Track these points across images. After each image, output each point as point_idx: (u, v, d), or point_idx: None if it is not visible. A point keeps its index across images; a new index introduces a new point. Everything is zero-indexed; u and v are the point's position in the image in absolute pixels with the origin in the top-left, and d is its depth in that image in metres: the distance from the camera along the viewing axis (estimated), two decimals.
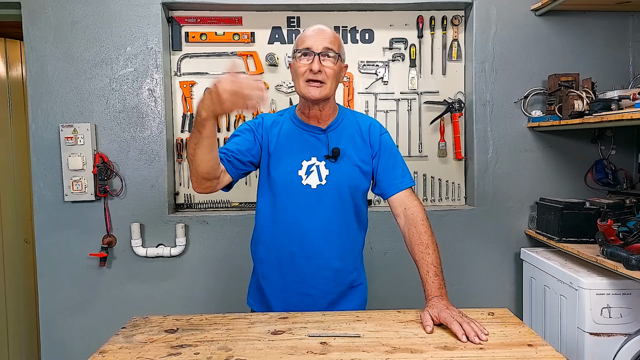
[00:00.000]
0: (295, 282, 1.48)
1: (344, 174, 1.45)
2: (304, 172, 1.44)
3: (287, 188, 1.44)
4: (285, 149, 1.46)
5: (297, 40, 1.45)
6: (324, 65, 1.39)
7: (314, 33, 1.41)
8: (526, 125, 2.40)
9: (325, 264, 1.47)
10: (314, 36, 1.40)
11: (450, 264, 2.43)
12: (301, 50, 1.40)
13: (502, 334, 1.27)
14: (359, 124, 1.52)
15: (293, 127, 1.49)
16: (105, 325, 2.29)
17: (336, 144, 1.45)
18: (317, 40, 1.39)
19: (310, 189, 1.43)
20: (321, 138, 1.47)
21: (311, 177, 1.43)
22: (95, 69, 2.30)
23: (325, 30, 1.42)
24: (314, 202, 1.43)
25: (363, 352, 1.16)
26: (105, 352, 1.18)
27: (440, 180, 2.52)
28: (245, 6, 2.37)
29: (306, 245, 1.45)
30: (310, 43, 1.39)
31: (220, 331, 1.30)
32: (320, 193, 1.43)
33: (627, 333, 1.82)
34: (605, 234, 1.84)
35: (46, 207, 2.31)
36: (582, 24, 2.38)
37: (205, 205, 2.47)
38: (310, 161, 1.44)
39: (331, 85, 1.41)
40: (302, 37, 1.43)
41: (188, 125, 2.44)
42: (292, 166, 1.44)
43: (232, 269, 2.39)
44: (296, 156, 1.45)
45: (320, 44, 1.39)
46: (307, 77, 1.39)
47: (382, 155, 1.50)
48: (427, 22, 2.47)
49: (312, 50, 1.38)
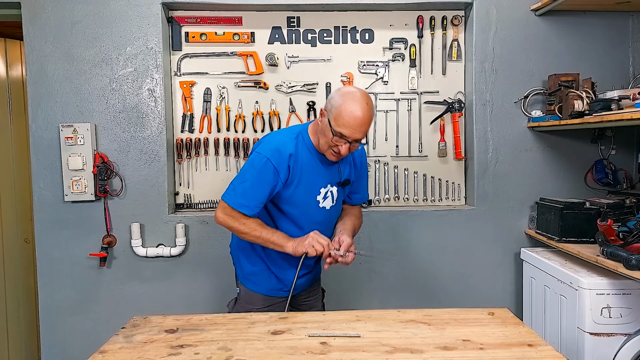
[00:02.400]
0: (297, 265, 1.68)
1: (344, 194, 1.78)
2: (321, 197, 1.68)
3: (306, 209, 1.66)
4: (307, 177, 1.64)
5: (339, 116, 1.50)
6: (351, 150, 1.58)
7: (357, 125, 1.50)
8: (526, 125, 2.40)
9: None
10: (355, 128, 1.50)
11: (450, 264, 2.44)
12: (340, 134, 1.51)
13: (502, 334, 1.27)
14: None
15: (312, 160, 1.65)
16: (105, 325, 2.29)
17: (344, 171, 1.73)
18: (356, 133, 1.52)
19: (325, 210, 1.70)
20: (333, 168, 1.70)
21: (327, 201, 1.70)
22: (95, 69, 2.30)
23: (366, 124, 1.52)
24: (327, 219, 1.73)
25: (363, 352, 1.16)
26: (105, 352, 1.18)
27: (440, 180, 2.52)
28: (245, 6, 2.37)
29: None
30: (349, 134, 1.51)
31: (220, 331, 1.30)
32: (331, 211, 1.73)
33: (627, 333, 1.82)
34: (605, 234, 1.83)
35: (46, 207, 2.31)
36: (582, 24, 2.38)
37: (205, 205, 2.47)
38: (327, 188, 1.69)
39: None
40: (346, 119, 1.49)
41: (188, 125, 2.44)
42: (312, 193, 1.66)
43: (232, 269, 2.38)
44: (316, 184, 1.66)
45: (357, 136, 1.53)
46: (334, 150, 1.57)
47: (362, 173, 1.84)
48: (427, 22, 2.47)
49: (348, 139, 1.53)
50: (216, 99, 2.45)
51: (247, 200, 1.57)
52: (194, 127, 2.46)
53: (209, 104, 2.45)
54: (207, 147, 2.46)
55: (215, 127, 2.45)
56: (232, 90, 2.45)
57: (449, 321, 1.36)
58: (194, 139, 2.44)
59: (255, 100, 2.45)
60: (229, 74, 2.45)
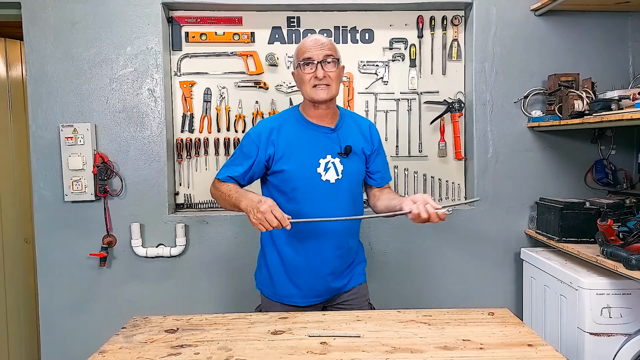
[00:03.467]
0: (319, 266, 1.63)
1: (355, 168, 1.66)
2: (322, 169, 1.60)
3: (308, 185, 1.58)
4: (298, 149, 1.59)
5: (297, 52, 1.61)
6: (327, 70, 1.55)
7: (312, 44, 1.56)
8: (526, 125, 2.40)
9: (343, 245, 1.65)
10: (313, 47, 1.56)
11: (450, 264, 2.44)
12: (303, 60, 1.56)
13: (502, 334, 1.27)
14: (358, 123, 1.73)
15: (301, 128, 1.63)
16: (105, 325, 2.28)
17: (345, 141, 1.63)
18: (316, 50, 1.55)
19: (329, 184, 1.60)
20: (332, 137, 1.63)
21: (329, 173, 1.60)
22: (95, 69, 2.30)
23: (321, 40, 1.58)
24: (334, 194, 1.61)
25: (363, 352, 1.16)
26: (105, 352, 1.18)
27: (440, 180, 2.52)
28: (245, 6, 2.37)
29: (328, 232, 1.61)
30: (311, 54, 1.55)
31: (220, 331, 1.30)
32: (338, 186, 1.61)
33: (627, 333, 1.82)
34: (605, 234, 1.84)
35: (46, 207, 2.31)
36: (581, 24, 2.38)
37: (205, 205, 2.47)
38: (326, 159, 1.60)
39: (336, 86, 1.59)
40: (302, 48, 1.59)
41: (188, 125, 2.45)
42: (310, 164, 1.59)
43: (232, 269, 2.39)
44: (311, 155, 1.60)
45: (320, 52, 1.55)
46: (313, 82, 1.56)
47: (379, 153, 1.76)
48: (427, 22, 2.47)
49: (314, 60, 1.55)
50: (216, 99, 2.45)
51: (225, 169, 1.63)
52: (194, 127, 2.46)
53: (209, 104, 2.45)
54: (207, 147, 2.46)
55: (215, 127, 2.46)
56: (232, 90, 2.45)
57: (449, 321, 1.36)
58: (194, 139, 2.45)
59: (255, 100, 2.45)
60: (229, 74, 2.45)
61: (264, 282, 1.72)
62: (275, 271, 1.67)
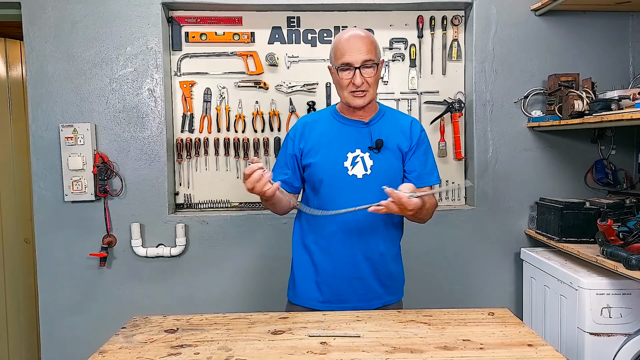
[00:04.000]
0: (345, 268, 1.54)
1: (387, 164, 1.54)
2: (349, 164, 1.51)
3: (334, 179, 1.51)
4: (327, 142, 1.54)
5: (334, 51, 1.49)
6: (365, 76, 1.46)
7: (351, 46, 1.44)
8: (526, 125, 2.40)
9: (372, 248, 1.55)
10: (351, 50, 1.44)
11: (450, 264, 2.44)
12: (341, 65, 1.46)
13: (502, 334, 1.27)
14: (398, 120, 1.61)
15: (334, 122, 1.58)
16: (105, 325, 2.28)
17: (378, 136, 1.53)
18: (354, 54, 1.44)
19: (356, 179, 1.51)
20: (363, 131, 1.54)
21: (357, 168, 1.51)
22: (95, 69, 2.30)
23: (360, 40, 1.45)
24: (361, 191, 1.49)
25: (363, 352, 1.16)
26: (105, 352, 1.18)
27: (440, 180, 2.52)
28: (245, 6, 2.37)
29: (354, 231, 1.52)
30: (349, 59, 1.44)
31: (220, 331, 1.30)
32: (365, 182, 1.50)
33: (627, 333, 1.82)
34: (605, 234, 1.84)
35: (46, 207, 2.31)
36: (582, 24, 2.38)
37: (205, 205, 2.47)
38: (355, 153, 1.52)
39: (373, 91, 1.51)
40: (340, 49, 1.47)
41: (188, 125, 2.44)
42: (337, 158, 1.52)
43: (232, 268, 2.39)
44: (340, 148, 1.52)
45: (358, 57, 1.44)
46: (351, 89, 1.47)
47: (418, 148, 1.58)
48: (427, 22, 2.47)
49: (352, 66, 1.44)
50: (216, 99, 2.45)
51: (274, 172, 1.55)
52: (194, 127, 2.46)
53: (209, 104, 2.45)
54: (207, 147, 2.46)
55: (215, 127, 2.45)
56: (232, 90, 2.45)
57: (449, 321, 1.36)
58: (194, 139, 2.45)
59: (255, 100, 2.45)
60: (229, 74, 2.45)
61: (289, 284, 1.67)
62: (298, 269, 1.62)
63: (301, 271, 1.61)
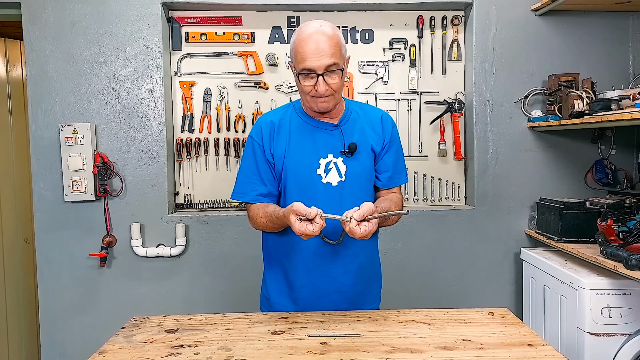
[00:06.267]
0: (323, 281, 1.45)
1: (361, 168, 1.44)
2: (322, 171, 1.41)
3: (308, 188, 1.41)
4: (296, 148, 1.42)
5: (294, 52, 1.35)
6: (329, 82, 1.33)
7: (312, 49, 1.30)
8: (526, 125, 2.40)
9: (352, 259, 1.46)
10: (313, 53, 1.30)
11: (450, 264, 2.44)
12: (303, 72, 1.33)
13: (502, 334, 1.27)
14: (368, 115, 1.51)
15: (303, 125, 1.45)
16: (105, 325, 2.28)
17: (350, 138, 1.43)
18: (316, 58, 1.30)
19: (331, 187, 1.42)
20: (335, 134, 1.44)
21: (331, 175, 1.42)
22: (95, 69, 2.30)
23: (323, 41, 1.30)
24: (337, 199, 1.41)
25: (363, 352, 1.16)
26: (105, 352, 1.18)
27: (440, 180, 2.52)
28: (245, 6, 2.37)
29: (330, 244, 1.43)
30: (311, 64, 1.30)
31: (220, 331, 1.30)
32: (341, 190, 1.42)
33: (627, 333, 1.82)
34: (605, 234, 1.84)
35: (46, 207, 2.31)
36: (582, 24, 2.38)
37: (205, 205, 2.47)
38: (327, 158, 1.42)
39: (338, 95, 1.40)
40: (300, 52, 1.32)
41: (188, 125, 2.44)
42: (310, 165, 1.41)
43: (232, 268, 2.39)
44: (312, 155, 1.42)
45: (321, 62, 1.30)
46: (314, 94, 1.35)
47: (391, 148, 1.50)
48: (427, 22, 2.47)
49: (315, 72, 1.31)
50: (216, 99, 2.45)
51: (240, 186, 1.46)
52: (194, 127, 2.46)
53: (209, 104, 2.45)
54: (207, 147, 2.46)
55: (215, 127, 2.45)
56: (232, 90, 2.45)
57: (449, 321, 1.36)
58: (194, 139, 2.45)
59: (255, 100, 2.45)
60: (229, 74, 2.45)
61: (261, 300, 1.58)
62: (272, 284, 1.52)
63: (274, 287, 1.52)
